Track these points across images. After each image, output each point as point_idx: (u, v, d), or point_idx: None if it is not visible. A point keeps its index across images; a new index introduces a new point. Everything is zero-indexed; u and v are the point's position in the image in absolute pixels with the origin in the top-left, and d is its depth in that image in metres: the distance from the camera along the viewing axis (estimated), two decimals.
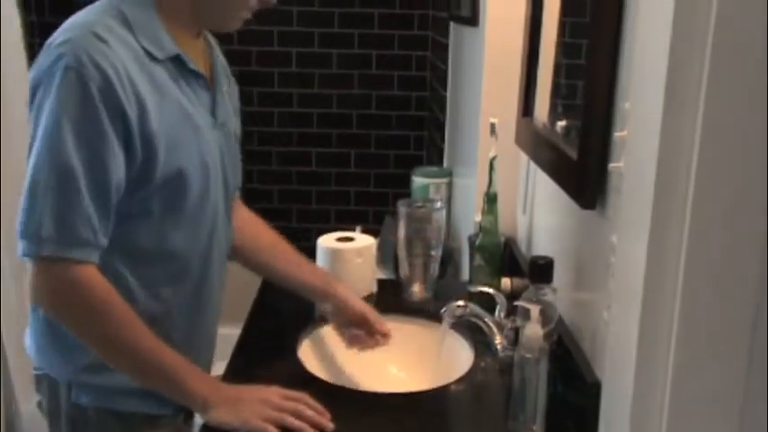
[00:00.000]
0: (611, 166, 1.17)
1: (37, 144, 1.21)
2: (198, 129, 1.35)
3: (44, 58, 1.24)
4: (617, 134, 1.14)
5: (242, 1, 1.34)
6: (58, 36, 1.26)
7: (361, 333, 1.60)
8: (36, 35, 3.44)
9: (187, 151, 1.32)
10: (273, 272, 1.64)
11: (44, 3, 3.51)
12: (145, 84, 1.25)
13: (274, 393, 1.31)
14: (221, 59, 1.51)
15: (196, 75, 1.36)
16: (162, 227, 1.33)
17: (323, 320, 1.68)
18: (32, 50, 3.35)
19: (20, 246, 1.23)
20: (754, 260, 0.86)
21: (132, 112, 1.23)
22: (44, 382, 1.40)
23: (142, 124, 1.24)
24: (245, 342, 1.60)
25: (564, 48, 1.53)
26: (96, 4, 1.32)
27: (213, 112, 1.40)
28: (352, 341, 1.61)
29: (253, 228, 1.65)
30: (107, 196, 1.24)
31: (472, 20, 2.19)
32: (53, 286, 1.26)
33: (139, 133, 1.24)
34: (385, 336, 1.60)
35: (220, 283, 1.49)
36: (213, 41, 1.49)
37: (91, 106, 1.20)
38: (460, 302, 1.51)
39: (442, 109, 3.00)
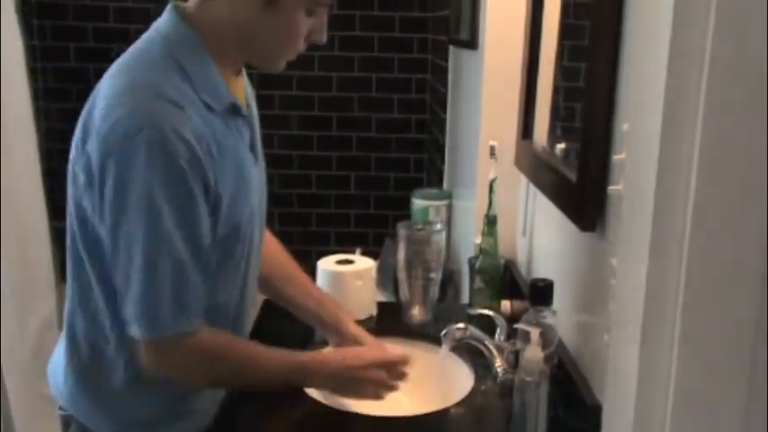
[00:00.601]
0: (611, 188, 1.17)
1: (132, 223, 1.17)
2: (248, 178, 1.33)
3: (112, 125, 1.17)
4: (616, 157, 1.14)
5: (292, 44, 1.32)
6: (119, 96, 1.19)
7: None
8: (38, 59, 3.46)
9: (242, 205, 1.31)
10: (288, 301, 1.63)
11: (46, 28, 3.52)
12: (212, 143, 1.22)
13: (378, 372, 1.42)
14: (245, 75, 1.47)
15: (243, 117, 1.34)
16: (215, 281, 1.32)
17: (324, 343, 1.67)
18: (35, 74, 3.37)
19: (135, 330, 1.23)
20: (755, 282, 0.86)
21: (212, 177, 1.21)
22: (73, 425, 1.38)
23: (215, 186, 1.23)
24: None
25: (563, 70, 1.54)
26: (148, 50, 1.28)
27: (252, 148, 1.37)
28: None
29: (275, 254, 1.64)
30: (203, 263, 1.25)
31: (471, 43, 2.20)
32: (177, 361, 1.28)
33: (213, 195, 1.23)
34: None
35: (249, 318, 1.51)
36: None
37: (183, 181, 1.17)
38: (460, 325, 1.50)
39: (442, 131, 3.01)
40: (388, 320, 1.83)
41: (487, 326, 1.54)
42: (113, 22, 3.54)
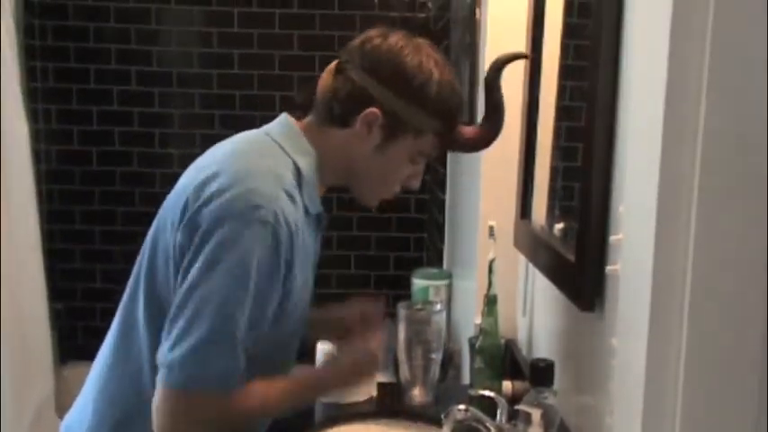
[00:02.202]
0: (609, 268, 1.18)
1: (217, 282, 1.24)
2: (307, 287, 1.44)
3: (234, 198, 1.26)
4: (613, 237, 1.15)
5: (390, 186, 1.48)
6: (243, 175, 1.29)
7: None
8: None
9: (292, 317, 1.39)
10: None
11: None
12: (302, 239, 1.34)
13: (366, 366, 1.51)
14: None
15: (320, 232, 1.47)
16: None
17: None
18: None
19: (173, 376, 1.24)
20: (754, 362, 0.86)
21: (295, 267, 1.32)
22: None
23: (291, 277, 1.33)
24: None
25: (560, 151, 1.56)
26: (269, 143, 1.39)
27: (313, 253, 1.48)
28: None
29: None
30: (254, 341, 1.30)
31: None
32: (197, 416, 1.27)
33: (286, 285, 1.33)
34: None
35: None
36: None
37: (276, 263, 1.27)
38: (461, 406, 1.49)
39: (441, 211, 3.03)
40: (389, 402, 1.81)
41: (489, 407, 1.52)
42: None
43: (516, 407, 1.34)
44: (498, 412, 1.51)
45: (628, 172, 1.01)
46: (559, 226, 1.52)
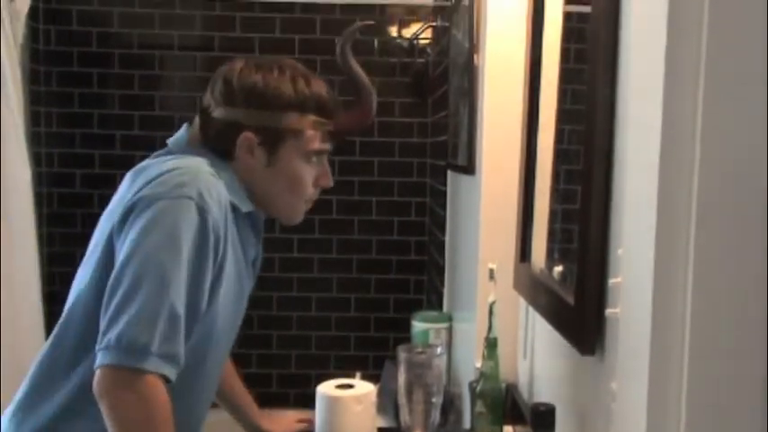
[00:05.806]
0: (608, 311, 1.18)
1: (152, 250, 1.28)
2: (242, 282, 1.47)
3: (159, 183, 1.34)
4: (612, 281, 1.16)
5: (300, 193, 1.50)
6: (167, 172, 1.36)
7: None
8: (44, 185, 3.52)
9: (220, 315, 1.40)
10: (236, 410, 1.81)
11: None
12: (228, 226, 1.37)
13: None
14: None
15: (257, 229, 1.50)
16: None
17: None
18: (40, 199, 3.42)
19: (111, 355, 1.24)
20: (756, 405, 0.86)
21: (221, 251, 1.35)
22: None
23: (222, 262, 1.37)
24: None
25: (558, 194, 1.57)
26: (186, 158, 1.43)
27: (254, 263, 1.52)
28: None
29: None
30: (195, 322, 1.33)
31: (469, 168, 2.25)
32: (135, 397, 1.25)
33: (217, 267, 1.36)
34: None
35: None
36: None
37: (205, 236, 1.30)
38: None
39: (441, 254, 3.03)
40: None
41: None
42: (120, 149, 3.62)
43: None
44: None
45: (626, 215, 1.01)
46: (559, 269, 1.52)
